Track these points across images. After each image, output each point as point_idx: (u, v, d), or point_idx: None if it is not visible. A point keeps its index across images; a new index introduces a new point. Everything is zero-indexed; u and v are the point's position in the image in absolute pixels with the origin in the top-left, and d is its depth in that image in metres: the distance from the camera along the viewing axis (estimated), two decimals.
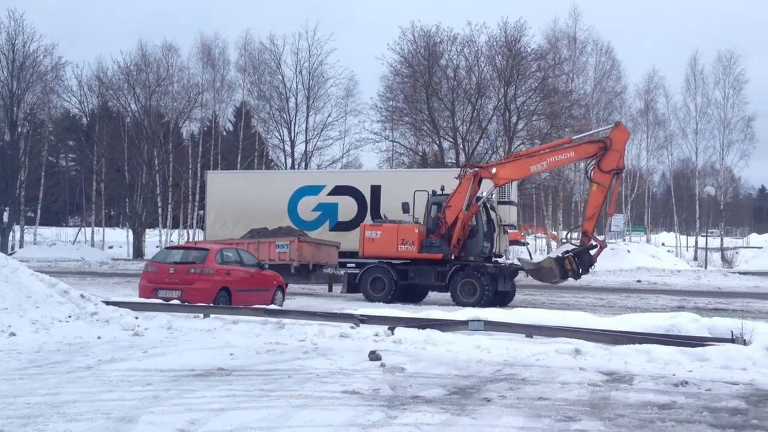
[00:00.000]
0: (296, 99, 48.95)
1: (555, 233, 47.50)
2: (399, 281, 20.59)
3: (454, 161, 41.71)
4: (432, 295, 22.12)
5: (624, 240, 48.64)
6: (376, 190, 29.29)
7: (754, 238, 68.33)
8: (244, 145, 49.18)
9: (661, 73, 65.43)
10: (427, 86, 42.24)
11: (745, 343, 10.48)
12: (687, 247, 50.98)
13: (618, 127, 19.41)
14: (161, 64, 49.30)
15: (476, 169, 20.59)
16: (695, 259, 47.23)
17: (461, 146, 42.22)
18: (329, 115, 49.14)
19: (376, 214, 29.00)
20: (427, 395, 8.02)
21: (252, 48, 49.81)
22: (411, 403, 7.63)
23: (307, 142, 48.79)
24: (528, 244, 44.74)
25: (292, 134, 49.00)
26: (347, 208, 29.35)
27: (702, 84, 51.53)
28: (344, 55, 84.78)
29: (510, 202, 28.84)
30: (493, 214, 22.03)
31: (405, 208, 21.12)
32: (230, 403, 7.36)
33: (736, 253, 47.28)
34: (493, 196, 22.75)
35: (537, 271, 19.62)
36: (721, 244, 51.42)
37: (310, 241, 23.48)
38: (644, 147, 52.96)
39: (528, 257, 22.22)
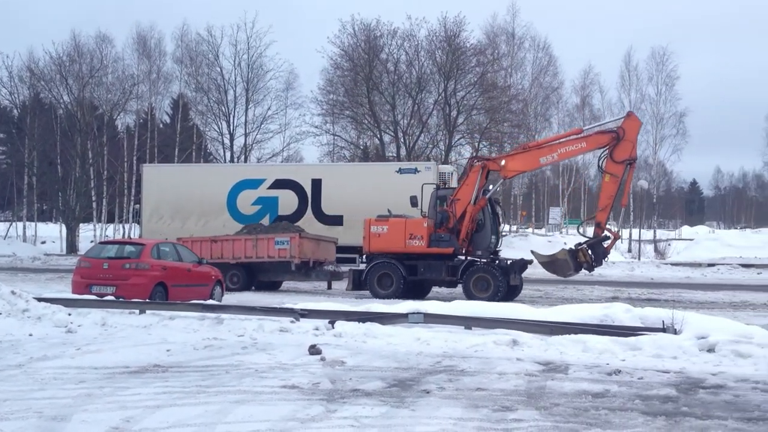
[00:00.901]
0: (235, 91, 48.42)
1: None
2: (408, 277, 19.84)
3: (395, 155, 41.85)
4: (435, 289, 21.33)
5: (561, 233, 49.57)
6: (317, 184, 29.22)
7: (686, 231, 70.43)
8: (182, 138, 48.38)
9: (596, 69, 66.86)
10: (368, 80, 42.25)
11: (675, 332, 10.79)
12: (621, 239, 52.13)
13: (630, 116, 19.09)
14: (95, 54, 48.09)
15: (484, 161, 20.09)
16: (629, 251, 48.41)
17: (402, 140, 42.37)
18: (269, 108, 48.75)
19: (317, 208, 28.95)
20: (367, 388, 8.03)
21: (189, 39, 49.05)
22: (350, 397, 7.63)
23: (246, 135, 48.31)
24: None
25: (231, 127, 48.45)
26: (288, 201, 29.20)
27: (636, 80, 52.81)
28: (284, 48, 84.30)
29: None
30: (497, 207, 21.52)
31: (413, 201, 20.50)
32: (166, 400, 7.24)
33: (669, 245, 48.65)
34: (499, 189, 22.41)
35: (551, 264, 19.25)
36: (654, 236, 52.84)
37: (310, 237, 22.56)
38: None
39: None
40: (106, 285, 15.47)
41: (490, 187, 20.31)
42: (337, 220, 28.48)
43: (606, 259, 19.64)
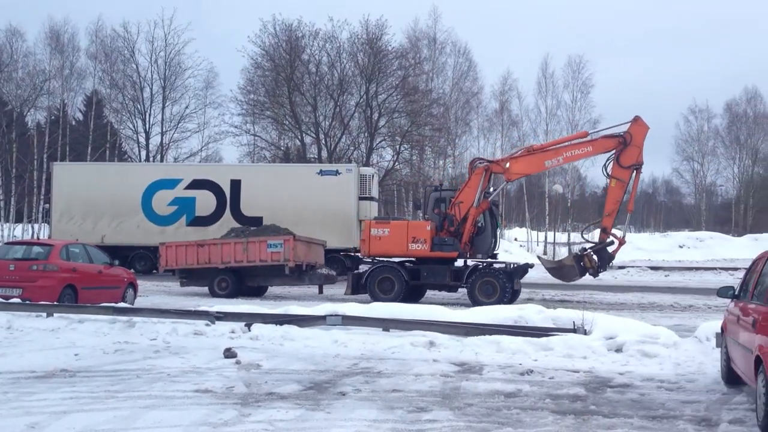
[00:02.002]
0: (151, 89, 47.28)
1: None
2: (410, 281, 19.18)
3: (317, 157, 41.71)
4: (429, 293, 20.70)
5: None
6: (236, 185, 28.83)
7: (598, 234, 72.69)
8: (95, 135, 46.86)
9: (515, 75, 68.26)
10: (289, 80, 41.97)
11: (585, 333, 11.10)
12: (537, 242, 53.30)
13: (637, 121, 18.76)
14: (4, 48, 46.14)
15: (487, 163, 19.62)
16: (545, 253, 49.55)
17: (323, 142, 42.27)
18: (187, 107, 47.79)
19: (236, 210, 28.55)
20: (283, 391, 7.97)
21: (104, 35, 47.56)
22: (265, 400, 7.55)
23: (163, 134, 47.26)
24: None
25: (147, 125, 47.29)
26: (206, 202, 28.71)
27: (552, 87, 54.16)
28: (203, 46, 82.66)
29: (371, 198, 29.21)
30: (495, 210, 20.96)
31: (417, 204, 20.04)
32: (73, 406, 7.01)
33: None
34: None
35: (558, 269, 19.02)
36: (569, 239, 54.24)
37: (304, 239, 21.37)
38: (499, 146, 54.95)
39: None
40: (12, 287, 14.82)
41: (491, 189, 20.05)
42: (256, 222, 28.08)
43: (611, 264, 19.43)
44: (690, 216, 73.60)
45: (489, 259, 19.78)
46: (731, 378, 8.39)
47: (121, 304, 14.57)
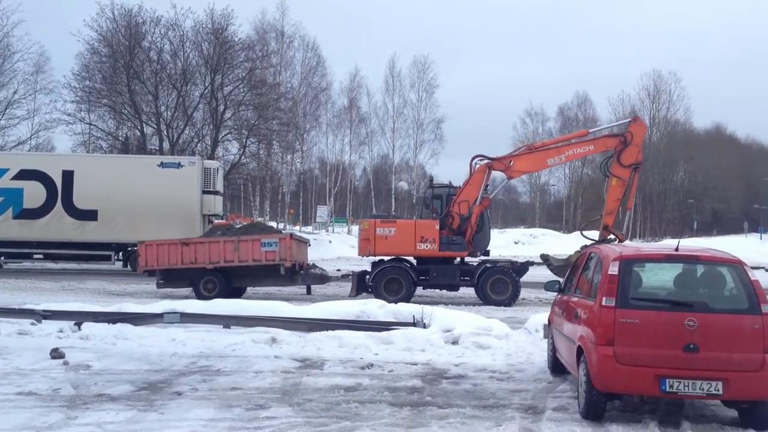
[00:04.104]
0: None
1: None
2: (418, 281, 18.65)
3: (158, 148, 40.19)
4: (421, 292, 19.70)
5: (327, 231, 50.57)
6: (68, 176, 27.17)
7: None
8: None
9: (363, 73, 69.08)
10: (128, 68, 40.10)
11: (425, 326, 11.40)
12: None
13: (636, 121, 19.14)
14: None
15: (489, 161, 19.19)
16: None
17: (165, 133, 40.77)
18: (15, 92, 44.49)
19: (68, 202, 26.98)
20: (114, 392, 7.64)
21: None
22: (94, 402, 7.20)
23: None
24: None
25: None
26: (34, 194, 26.88)
27: (399, 85, 55.44)
28: (34, 28, 77.16)
29: (215, 192, 28.54)
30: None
31: (427, 203, 19.36)
32: None
33: None
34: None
35: (564, 268, 18.20)
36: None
37: (297, 238, 19.92)
38: (347, 142, 55.54)
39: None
40: None
41: (488, 188, 19.76)
42: (90, 215, 26.73)
43: None
44: (525, 213, 77.64)
45: (488, 257, 19.73)
46: (557, 367, 8.90)
47: None
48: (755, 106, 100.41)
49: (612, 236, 18.98)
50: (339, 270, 27.48)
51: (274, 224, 53.43)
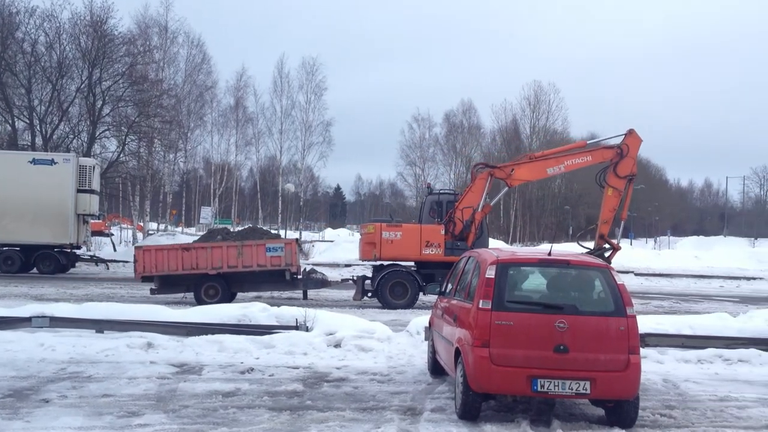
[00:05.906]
0: None
1: (142, 224, 46.46)
2: (423, 286, 18.47)
3: (30, 144, 38.17)
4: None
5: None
6: None
7: (329, 233, 74.89)
8: None
9: (250, 72, 68.17)
10: (0, 59, 37.96)
11: (307, 329, 11.35)
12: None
13: (632, 134, 19.49)
14: None
15: (490, 169, 19.61)
16: None
17: (38, 128, 38.78)
18: None
19: None
20: None
21: None
22: None
23: None
24: (113, 235, 43.03)
25: None
26: None
27: (288, 87, 54.95)
28: None
29: (91, 191, 27.45)
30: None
31: (434, 210, 19.24)
32: None
33: (312, 246, 51.28)
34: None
35: None
36: (300, 237, 55.35)
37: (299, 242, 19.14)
38: (233, 142, 54.53)
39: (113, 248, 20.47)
40: None
41: (487, 195, 19.85)
42: None
43: None
44: (412, 217, 78.70)
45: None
46: (436, 369, 9.06)
47: None
48: (626, 118, 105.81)
49: (607, 245, 19.67)
50: None
51: (155, 225, 52.03)
